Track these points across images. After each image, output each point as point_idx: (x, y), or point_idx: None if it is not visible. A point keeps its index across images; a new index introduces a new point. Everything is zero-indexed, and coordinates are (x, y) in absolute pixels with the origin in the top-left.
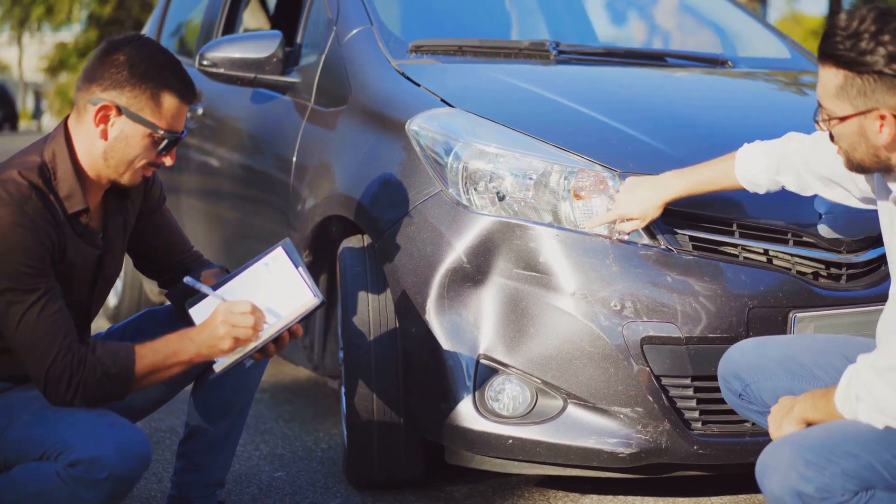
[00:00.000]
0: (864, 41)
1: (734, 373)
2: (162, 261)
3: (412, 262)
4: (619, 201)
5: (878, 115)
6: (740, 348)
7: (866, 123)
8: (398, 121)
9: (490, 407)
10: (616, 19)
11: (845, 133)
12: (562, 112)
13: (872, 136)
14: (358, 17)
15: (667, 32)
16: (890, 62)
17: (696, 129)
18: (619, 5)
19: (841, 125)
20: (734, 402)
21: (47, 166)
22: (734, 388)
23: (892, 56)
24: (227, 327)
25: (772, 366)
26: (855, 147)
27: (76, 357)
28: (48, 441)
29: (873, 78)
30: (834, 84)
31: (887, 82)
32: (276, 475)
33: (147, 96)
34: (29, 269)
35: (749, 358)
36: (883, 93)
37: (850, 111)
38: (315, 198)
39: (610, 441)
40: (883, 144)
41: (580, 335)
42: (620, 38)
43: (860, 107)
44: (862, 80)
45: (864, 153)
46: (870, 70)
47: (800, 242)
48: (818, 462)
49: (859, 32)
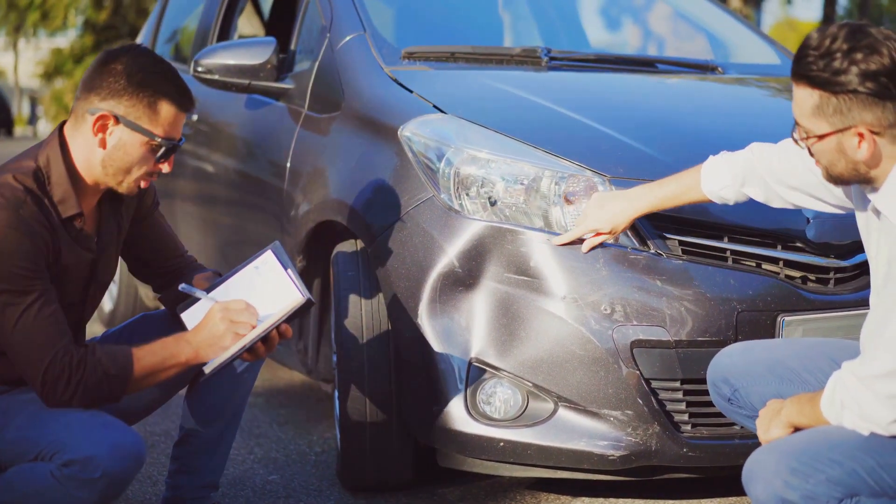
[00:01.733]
0: (836, 61)
1: (723, 377)
2: (156, 265)
3: (405, 267)
4: (589, 216)
5: (856, 132)
6: (729, 353)
7: (844, 140)
8: (391, 127)
9: (482, 410)
10: (608, 26)
11: (824, 150)
12: (553, 118)
13: (851, 152)
14: (351, 24)
15: (658, 39)
16: (864, 80)
17: (686, 134)
18: (611, 12)
19: (819, 143)
20: (723, 407)
21: (42, 171)
22: (723, 392)
23: (866, 74)
24: (226, 324)
25: (760, 370)
26: (834, 163)
27: (75, 358)
28: (43, 442)
29: (848, 97)
30: (810, 104)
31: (862, 100)
32: (270, 478)
33: (144, 105)
34: (24, 271)
35: (737, 362)
36: (859, 110)
37: (828, 129)
38: (309, 203)
39: (600, 443)
40: (862, 160)
41: (571, 339)
42: (612, 44)
43: (837, 125)
44: (838, 100)
45: (843, 168)
46: (844, 89)
47: (788, 247)
48: (803, 470)
49: (832, 52)
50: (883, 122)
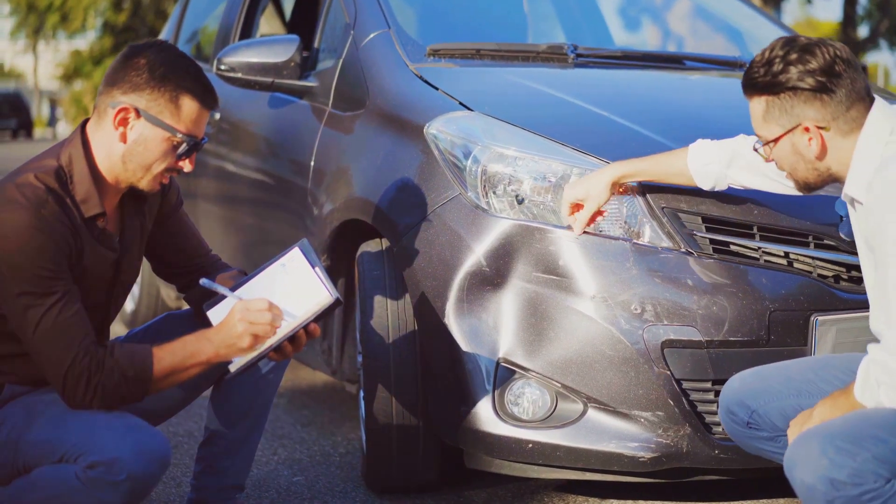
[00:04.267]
0: (775, 65)
1: (738, 401)
2: (179, 265)
3: (431, 266)
4: (566, 189)
5: (804, 128)
6: (739, 378)
7: (796, 140)
8: (416, 124)
9: (510, 411)
10: (632, 22)
11: (782, 155)
12: (580, 115)
13: (805, 150)
14: (375, 21)
15: (683, 35)
16: (802, 77)
17: (715, 131)
18: (635, 8)
19: (776, 147)
20: (740, 434)
21: (64, 170)
22: (740, 417)
23: (803, 72)
24: (244, 325)
25: (777, 387)
26: (795, 167)
27: (94, 359)
28: (67, 443)
29: (790, 94)
30: (760, 110)
31: (802, 96)
32: (294, 480)
33: (166, 99)
34: (46, 271)
35: (751, 384)
36: (802, 106)
37: (779, 131)
38: (333, 202)
39: (630, 445)
40: (815, 156)
41: (600, 339)
42: (637, 41)
43: (786, 125)
44: (780, 100)
45: (805, 171)
46: (784, 88)
47: (821, 245)
48: (848, 448)
49: (771, 59)
50: (826, 115)
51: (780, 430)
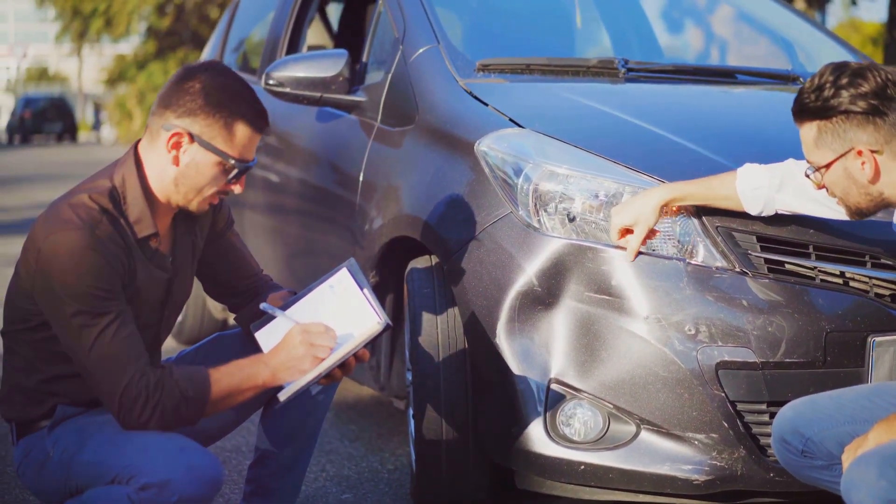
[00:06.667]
0: (826, 90)
1: (792, 430)
2: (230, 285)
3: (482, 285)
4: (613, 213)
5: (856, 152)
6: (792, 407)
7: (849, 164)
8: (466, 141)
9: (561, 432)
10: (682, 35)
11: (835, 180)
12: (632, 131)
13: (857, 174)
14: (425, 36)
15: (734, 48)
16: (853, 101)
17: (770, 148)
18: (684, 21)
19: (828, 172)
20: (795, 463)
21: (117, 190)
22: (795, 445)
23: (855, 95)
24: (305, 347)
25: (831, 413)
26: (848, 192)
27: (153, 380)
28: (119, 464)
29: (842, 119)
30: (811, 136)
31: (855, 120)
32: (343, 497)
33: (220, 125)
34: (100, 291)
35: (804, 412)
36: (854, 130)
37: (831, 156)
38: (382, 217)
39: (684, 467)
40: (868, 181)
41: (653, 360)
42: (686, 54)
43: (838, 150)
44: (833, 124)
45: (857, 195)
46: (836, 112)
47: (878, 264)
48: None
49: (822, 85)
50: (879, 139)
51: (836, 458)
